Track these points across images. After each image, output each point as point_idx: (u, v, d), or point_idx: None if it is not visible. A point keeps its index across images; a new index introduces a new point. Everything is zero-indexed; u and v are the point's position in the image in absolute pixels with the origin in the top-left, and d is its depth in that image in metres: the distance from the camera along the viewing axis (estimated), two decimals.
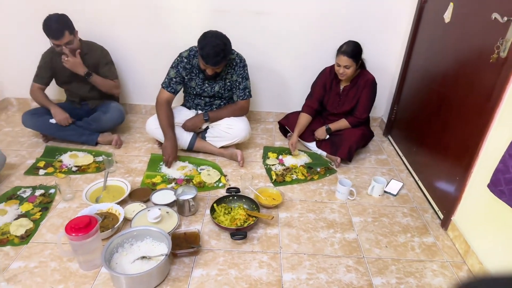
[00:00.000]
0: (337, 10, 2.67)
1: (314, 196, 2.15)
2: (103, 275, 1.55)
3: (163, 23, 2.76)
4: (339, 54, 2.30)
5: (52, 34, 2.25)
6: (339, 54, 2.30)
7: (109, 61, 2.57)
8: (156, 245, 1.64)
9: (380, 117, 3.15)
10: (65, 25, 2.28)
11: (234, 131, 2.42)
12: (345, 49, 2.28)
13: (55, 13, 2.29)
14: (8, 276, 1.53)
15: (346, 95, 2.48)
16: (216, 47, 2.07)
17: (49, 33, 2.26)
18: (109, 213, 1.84)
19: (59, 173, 2.22)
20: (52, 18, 2.26)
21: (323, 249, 1.75)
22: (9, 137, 2.66)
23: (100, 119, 2.54)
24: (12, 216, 1.86)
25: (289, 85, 3.02)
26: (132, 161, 2.43)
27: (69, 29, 2.29)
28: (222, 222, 1.83)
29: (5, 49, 2.90)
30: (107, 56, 2.57)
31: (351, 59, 2.27)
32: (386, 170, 2.48)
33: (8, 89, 3.09)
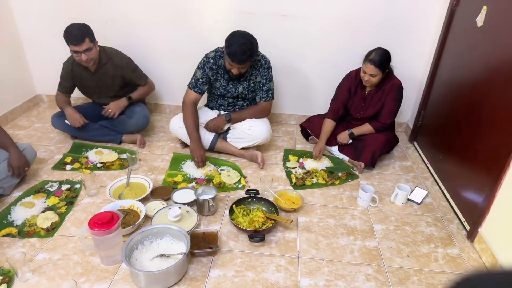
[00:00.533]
0: (364, 13, 2.63)
1: (334, 202, 2.11)
2: (123, 271, 1.58)
3: (189, 24, 2.79)
4: (366, 62, 2.25)
5: (72, 40, 2.25)
6: (366, 61, 2.25)
7: (134, 67, 2.59)
8: (175, 243, 1.66)
9: (406, 123, 3.07)
10: (86, 32, 2.29)
11: (255, 133, 2.42)
12: (373, 57, 2.22)
13: (77, 23, 2.31)
14: (34, 267, 1.59)
15: (371, 99, 2.43)
16: (243, 46, 2.08)
17: (69, 39, 2.26)
18: (131, 210, 1.88)
19: (84, 169, 2.29)
20: (74, 25, 2.29)
21: (342, 256, 1.72)
22: (39, 132, 2.77)
23: (124, 123, 2.59)
24: (39, 209, 1.93)
25: (312, 88, 3.00)
26: (155, 159, 2.48)
27: (89, 37, 2.30)
28: (240, 223, 1.83)
29: (37, 48, 3.02)
30: (130, 64, 2.57)
31: (378, 68, 2.22)
32: (410, 178, 2.41)
33: (39, 87, 3.22)
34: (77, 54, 2.30)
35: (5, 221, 1.84)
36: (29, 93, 3.16)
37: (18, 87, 3.03)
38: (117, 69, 2.51)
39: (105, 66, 2.48)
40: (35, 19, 2.88)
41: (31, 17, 2.87)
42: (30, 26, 2.92)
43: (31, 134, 2.74)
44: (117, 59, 2.51)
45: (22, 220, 1.85)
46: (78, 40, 2.25)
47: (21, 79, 3.06)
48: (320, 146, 2.48)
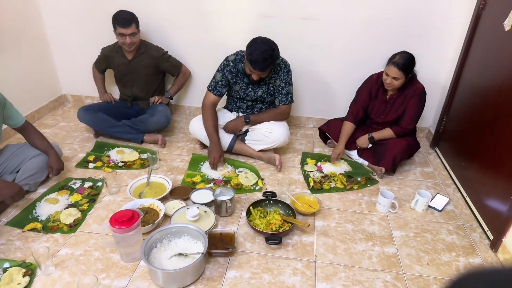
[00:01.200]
0: (386, 17, 2.60)
1: (353, 206, 2.09)
2: (142, 268, 1.61)
3: (210, 28, 2.83)
4: (389, 64, 2.22)
5: (121, 22, 2.45)
6: (389, 63, 2.22)
7: (167, 56, 2.77)
8: (193, 243, 1.68)
9: (428, 128, 3.01)
10: (134, 18, 2.51)
11: (273, 135, 2.42)
12: (397, 60, 2.18)
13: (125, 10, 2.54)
14: (56, 262, 1.64)
15: (393, 103, 2.39)
16: (264, 53, 2.09)
17: (118, 20, 2.46)
18: (151, 208, 1.91)
19: (106, 168, 2.35)
20: (123, 10, 2.51)
21: (360, 261, 1.70)
22: (64, 131, 2.86)
23: (146, 121, 2.65)
24: (63, 205, 1.99)
25: (332, 92, 2.98)
26: (175, 159, 2.51)
27: (136, 23, 2.52)
28: (257, 225, 1.83)
29: (63, 49, 3.12)
30: (164, 55, 2.74)
31: (401, 71, 2.18)
32: (431, 184, 2.36)
33: (64, 87, 3.32)
34: (122, 37, 2.49)
35: (31, 216, 1.91)
36: (55, 93, 3.27)
37: (45, 87, 3.14)
38: (152, 59, 2.68)
39: (141, 55, 2.66)
40: (62, 21, 2.98)
41: (59, 19, 2.97)
42: (57, 28, 3.02)
43: (56, 132, 2.83)
44: (154, 50, 2.70)
45: (46, 215, 1.91)
46: (126, 23, 2.46)
47: (48, 80, 3.17)
48: (339, 149, 2.46)
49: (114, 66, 2.72)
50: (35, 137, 2.09)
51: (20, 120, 2.03)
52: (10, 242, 1.74)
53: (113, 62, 2.70)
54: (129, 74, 2.71)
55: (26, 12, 2.81)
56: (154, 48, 2.72)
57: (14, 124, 2.02)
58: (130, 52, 2.64)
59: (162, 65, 2.74)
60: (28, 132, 2.08)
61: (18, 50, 2.76)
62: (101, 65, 2.79)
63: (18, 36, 2.75)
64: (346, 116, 2.53)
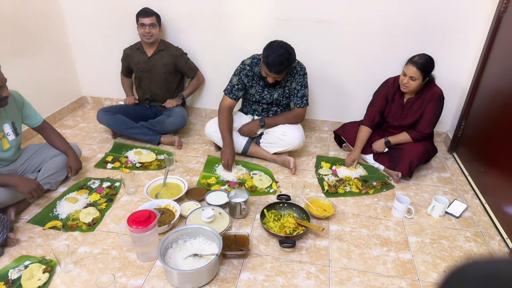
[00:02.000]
0: (403, 19, 2.57)
1: (368, 211, 2.08)
2: (157, 268, 1.64)
3: (227, 31, 2.86)
4: (408, 63, 2.20)
5: (143, 12, 2.60)
6: (408, 63, 2.20)
7: (187, 58, 2.85)
8: (208, 244, 1.70)
9: (445, 133, 2.96)
10: (156, 13, 2.66)
11: (288, 138, 2.42)
12: (416, 60, 2.17)
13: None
14: (75, 259, 1.68)
15: (410, 107, 2.37)
16: (281, 56, 2.10)
17: (140, 12, 2.61)
18: (167, 209, 1.95)
19: (124, 168, 2.40)
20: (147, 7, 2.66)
21: (374, 267, 1.69)
22: (84, 132, 2.93)
23: (163, 122, 2.70)
24: (82, 205, 2.04)
25: (347, 95, 2.96)
26: (190, 161, 2.55)
27: (157, 17, 2.66)
28: (271, 228, 1.84)
29: (84, 52, 3.20)
30: (183, 55, 2.83)
31: (419, 71, 2.15)
32: (448, 190, 2.32)
33: (85, 89, 3.41)
34: (143, 27, 2.61)
35: (51, 214, 1.97)
36: (76, 94, 3.36)
37: (66, 89, 3.23)
38: (171, 57, 2.76)
39: (161, 52, 2.75)
40: (84, 25, 3.06)
41: (81, 23, 3.05)
42: (79, 32, 3.10)
43: (76, 133, 2.91)
44: (173, 49, 2.80)
45: (66, 214, 1.96)
46: (147, 13, 2.61)
47: (69, 82, 3.26)
48: (354, 154, 2.45)
49: (134, 64, 2.79)
50: (53, 137, 2.15)
51: (38, 120, 2.09)
52: (32, 239, 1.80)
53: (133, 59, 2.78)
54: (148, 71, 2.77)
55: (49, 16, 2.90)
56: (174, 47, 2.80)
57: (33, 124, 2.08)
58: (150, 48, 2.72)
59: (180, 65, 2.80)
60: (46, 132, 2.15)
61: (41, 53, 2.85)
62: (124, 66, 2.88)
63: (41, 39, 2.84)
64: (362, 120, 2.52)
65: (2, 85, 1.74)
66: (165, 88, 2.83)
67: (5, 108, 1.91)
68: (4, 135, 1.93)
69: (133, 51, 2.78)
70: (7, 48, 2.53)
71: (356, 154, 2.44)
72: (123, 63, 2.88)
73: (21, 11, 2.60)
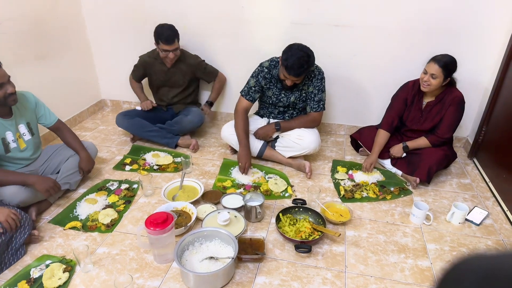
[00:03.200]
0: (422, 23, 2.53)
1: (385, 217, 2.05)
2: (174, 270, 1.66)
3: (245, 35, 2.87)
4: (430, 61, 2.17)
5: (165, 39, 2.52)
6: (430, 61, 2.17)
7: (204, 66, 2.84)
8: (224, 247, 1.71)
9: (465, 138, 2.90)
10: (176, 33, 2.58)
11: (304, 142, 2.42)
12: (439, 58, 2.14)
13: (165, 23, 2.59)
14: (94, 260, 1.72)
15: (429, 111, 2.33)
16: (300, 59, 2.10)
17: (162, 37, 2.53)
18: (183, 211, 1.97)
19: (142, 170, 2.44)
20: (165, 25, 2.56)
21: (392, 273, 1.66)
22: (103, 134, 3.00)
23: (181, 121, 2.75)
24: (101, 206, 2.08)
25: (364, 99, 2.94)
26: (206, 164, 2.57)
27: (178, 38, 2.59)
28: (287, 232, 1.84)
29: (104, 57, 3.28)
30: (201, 63, 2.83)
31: (441, 69, 2.12)
32: (468, 196, 2.27)
33: (104, 92, 3.49)
34: (166, 52, 2.58)
35: (71, 215, 2.02)
36: (95, 97, 3.43)
37: (86, 92, 3.31)
38: (189, 67, 2.77)
39: (180, 63, 2.74)
40: (104, 31, 3.13)
41: (101, 28, 3.13)
42: (99, 37, 3.18)
43: (95, 135, 2.97)
44: (191, 59, 2.79)
45: (85, 215, 2.01)
46: (170, 40, 2.54)
47: (89, 85, 3.34)
48: (372, 158, 2.42)
49: (152, 73, 2.81)
50: (68, 137, 2.19)
51: (52, 119, 2.14)
52: (53, 239, 1.85)
53: (151, 68, 2.78)
54: (167, 81, 2.80)
55: (71, 21, 2.99)
56: (192, 57, 2.80)
57: (47, 124, 2.14)
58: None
59: (198, 73, 2.84)
60: (61, 132, 2.19)
61: (62, 57, 2.94)
62: (139, 72, 2.85)
63: (63, 44, 2.92)
64: (380, 124, 2.48)
65: (4, 81, 1.77)
66: (183, 95, 2.87)
67: (19, 109, 1.97)
68: (20, 135, 1.99)
69: (151, 60, 2.76)
70: (31, 52, 2.62)
71: (373, 158, 2.41)
72: (138, 69, 2.84)
73: (45, 17, 2.69)
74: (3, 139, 1.90)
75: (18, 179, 1.86)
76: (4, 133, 1.90)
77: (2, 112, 1.88)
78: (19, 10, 2.46)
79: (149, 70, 2.82)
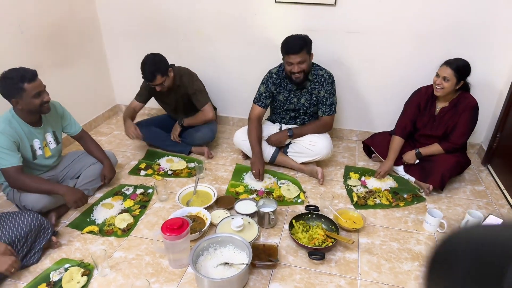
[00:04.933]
0: (435, 27, 2.52)
1: (399, 224, 2.04)
2: (189, 275, 1.68)
3: (255, 41, 2.90)
4: (442, 65, 2.18)
5: (145, 77, 2.44)
6: (443, 64, 2.18)
7: (195, 89, 2.63)
8: (238, 253, 1.73)
9: (479, 144, 2.87)
10: (157, 68, 2.40)
11: (316, 148, 2.43)
12: (451, 61, 2.15)
13: (151, 54, 2.45)
14: (111, 264, 1.75)
15: (442, 117, 2.32)
16: (296, 38, 2.24)
17: (143, 75, 2.45)
18: (198, 216, 2.00)
19: (157, 175, 2.48)
20: (147, 61, 2.42)
21: (406, 281, 1.66)
22: (118, 139, 3.05)
23: (192, 136, 2.75)
24: (117, 210, 2.12)
25: (376, 105, 2.93)
26: (219, 169, 2.60)
27: (160, 73, 2.41)
28: (300, 239, 1.85)
29: (119, 63, 3.34)
30: (194, 83, 2.63)
31: (454, 71, 2.12)
32: (483, 204, 2.25)
33: (119, 97, 3.55)
34: (157, 86, 2.48)
35: (89, 219, 2.06)
36: (110, 103, 3.50)
37: (101, 98, 3.38)
38: (185, 88, 2.63)
39: (178, 87, 2.63)
40: (119, 39, 3.20)
41: (116, 36, 3.19)
42: (114, 44, 3.25)
43: (110, 140, 3.03)
44: (185, 79, 2.62)
45: (102, 219, 2.05)
46: (150, 78, 2.42)
47: (104, 91, 3.41)
48: (387, 165, 2.39)
49: (157, 96, 2.74)
50: (91, 146, 2.26)
51: (77, 128, 2.21)
52: (71, 243, 1.89)
53: (156, 92, 2.64)
54: (171, 103, 2.76)
55: (88, 29, 3.05)
56: (186, 76, 2.63)
57: (72, 133, 2.21)
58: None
59: (189, 94, 2.66)
60: (84, 141, 2.26)
61: (80, 65, 3.01)
62: (144, 94, 2.71)
63: (79, 51, 2.99)
64: (393, 130, 2.48)
65: (42, 89, 1.85)
66: (189, 110, 2.77)
67: (47, 118, 2.03)
68: (46, 144, 2.05)
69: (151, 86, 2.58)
70: (49, 59, 2.69)
71: (389, 165, 2.40)
72: (143, 92, 2.71)
73: (62, 25, 2.76)
74: (31, 146, 1.96)
75: (49, 188, 1.92)
76: (32, 141, 1.96)
77: (33, 120, 1.94)
78: (36, 18, 2.53)
79: (156, 94, 2.73)
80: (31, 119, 1.92)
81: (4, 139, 1.80)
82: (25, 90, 1.77)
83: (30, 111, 1.86)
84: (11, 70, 1.78)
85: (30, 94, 1.79)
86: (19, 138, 1.88)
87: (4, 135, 1.81)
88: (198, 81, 2.68)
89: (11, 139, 1.82)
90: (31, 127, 1.94)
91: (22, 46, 2.44)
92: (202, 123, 2.73)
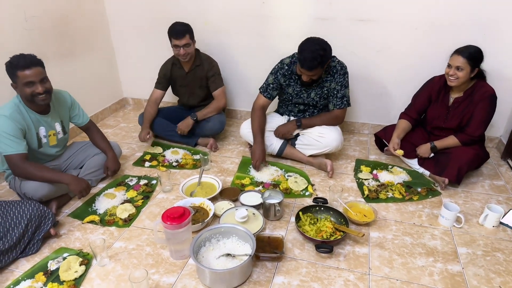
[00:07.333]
0: (450, 15, 2.41)
1: (412, 219, 1.94)
2: (190, 266, 1.62)
3: (266, 31, 2.83)
4: (453, 54, 2.07)
5: (175, 33, 2.46)
6: (453, 53, 2.07)
7: (215, 72, 2.68)
8: (241, 244, 1.65)
9: (498, 138, 2.73)
10: (188, 28, 2.50)
11: (325, 140, 2.33)
12: (462, 49, 2.04)
13: (181, 21, 2.54)
14: (111, 254, 1.70)
15: (456, 108, 2.20)
16: (314, 52, 2.03)
17: (172, 32, 2.47)
18: (201, 207, 1.93)
19: (161, 167, 2.43)
20: (178, 22, 2.52)
21: (419, 277, 1.56)
22: (124, 131, 3.02)
23: (202, 127, 2.70)
24: (119, 201, 2.07)
25: (389, 97, 2.82)
26: (225, 161, 2.53)
27: (190, 34, 2.50)
28: (307, 231, 1.76)
29: (126, 57, 3.31)
30: (213, 68, 2.68)
31: (466, 60, 2.00)
32: (503, 199, 2.12)
33: (126, 90, 3.52)
34: (177, 48, 2.50)
35: (90, 209, 2.02)
36: (117, 96, 3.47)
37: (108, 90, 3.35)
38: (205, 72, 2.66)
39: (198, 67, 2.66)
40: (127, 31, 3.17)
41: (124, 29, 3.17)
42: (122, 38, 3.22)
43: (116, 132, 3.00)
44: (206, 62, 2.67)
45: (104, 209, 2.00)
46: (179, 35, 2.45)
47: (112, 84, 3.38)
48: (393, 142, 2.30)
49: (173, 79, 2.75)
50: (97, 137, 2.22)
51: (85, 119, 2.18)
52: (71, 232, 1.85)
53: (172, 75, 2.71)
54: (185, 86, 2.75)
55: (95, 21, 3.03)
56: (208, 60, 2.69)
57: (79, 123, 2.17)
58: (187, 64, 2.65)
59: (208, 78, 2.69)
60: (91, 132, 2.23)
61: (87, 57, 2.99)
62: (164, 83, 2.74)
63: (88, 44, 2.97)
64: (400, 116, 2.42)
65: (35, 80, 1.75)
66: (202, 97, 2.79)
67: (55, 107, 2.00)
68: (55, 133, 2.02)
69: (172, 66, 2.69)
70: (57, 50, 2.67)
71: (394, 140, 2.31)
72: (162, 80, 2.73)
73: (69, 16, 2.74)
74: (37, 134, 1.92)
75: (54, 177, 1.87)
76: (38, 128, 1.92)
77: (40, 108, 1.90)
78: (43, 7, 2.52)
79: (171, 78, 2.74)
80: (35, 107, 1.88)
81: (11, 125, 1.77)
82: (18, 77, 1.74)
83: (26, 99, 1.82)
84: (17, 55, 1.76)
85: (21, 82, 1.75)
86: (26, 125, 1.85)
87: (12, 120, 1.78)
88: (217, 67, 2.72)
89: (18, 125, 1.79)
90: (37, 115, 1.90)
91: (26, 34, 2.41)
92: (215, 112, 2.71)
